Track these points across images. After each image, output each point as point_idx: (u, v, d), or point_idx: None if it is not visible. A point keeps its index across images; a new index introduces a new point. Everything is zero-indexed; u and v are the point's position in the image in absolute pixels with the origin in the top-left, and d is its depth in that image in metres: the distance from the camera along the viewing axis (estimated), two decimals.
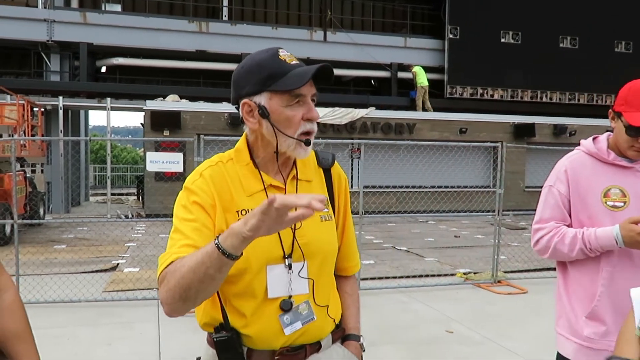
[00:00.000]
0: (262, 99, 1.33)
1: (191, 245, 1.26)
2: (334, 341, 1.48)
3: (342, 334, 1.52)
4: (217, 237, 1.14)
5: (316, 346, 1.42)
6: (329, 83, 1.41)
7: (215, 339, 1.35)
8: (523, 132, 16.00)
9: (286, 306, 1.35)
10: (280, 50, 1.35)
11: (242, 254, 1.14)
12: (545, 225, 1.97)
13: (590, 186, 1.89)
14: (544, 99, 18.50)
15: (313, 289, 1.40)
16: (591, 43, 18.52)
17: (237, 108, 1.40)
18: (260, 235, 1.10)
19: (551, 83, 18.12)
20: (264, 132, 1.36)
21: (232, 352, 1.34)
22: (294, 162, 1.45)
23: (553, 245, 1.93)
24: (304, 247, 1.37)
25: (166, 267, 1.23)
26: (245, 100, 1.36)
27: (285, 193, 1.39)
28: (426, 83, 16.05)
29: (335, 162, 1.55)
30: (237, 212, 1.35)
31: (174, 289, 1.18)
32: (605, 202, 1.86)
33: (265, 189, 1.39)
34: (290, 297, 1.36)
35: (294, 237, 1.37)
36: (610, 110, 1.91)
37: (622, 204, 1.84)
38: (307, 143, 1.35)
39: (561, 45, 18.50)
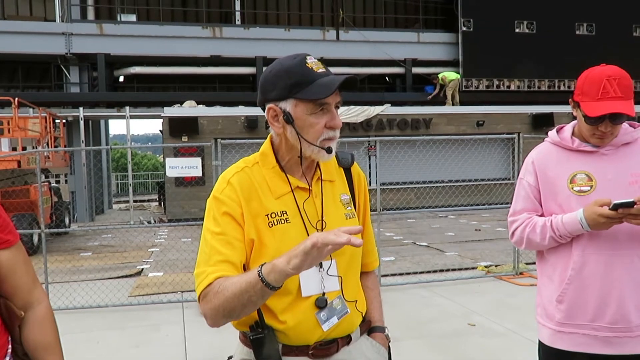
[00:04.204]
0: (288, 105, 1.35)
1: (225, 260, 1.31)
2: (361, 334, 1.53)
3: (368, 327, 1.57)
4: (261, 268, 1.20)
5: (347, 339, 1.47)
6: (353, 90, 1.42)
7: (251, 338, 1.38)
8: (541, 122, 15.79)
9: (321, 303, 1.39)
10: (308, 57, 1.37)
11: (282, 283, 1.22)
12: (518, 217, 2.00)
13: (557, 174, 1.91)
14: (562, 88, 18.21)
15: (341, 285, 1.44)
16: (608, 29, 18.15)
17: (263, 110, 1.42)
18: (302, 271, 1.19)
19: (569, 71, 17.79)
20: (289, 136, 1.38)
21: (269, 349, 1.38)
22: (318, 164, 1.48)
23: (526, 235, 1.95)
24: None
25: (207, 286, 1.29)
26: (271, 104, 1.38)
27: (310, 194, 1.44)
28: (456, 76, 16.21)
29: (354, 161, 1.60)
30: (267, 215, 1.38)
31: (218, 309, 1.27)
32: (572, 188, 1.87)
33: (292, 190, 1.42)
34: (323, 294, 1.40)
35: None
36: (570, 99, 1.93)
37: (589, 188, 1.84)
38: (329, 151, 1.38)
39: (577, 32, 18.20)
